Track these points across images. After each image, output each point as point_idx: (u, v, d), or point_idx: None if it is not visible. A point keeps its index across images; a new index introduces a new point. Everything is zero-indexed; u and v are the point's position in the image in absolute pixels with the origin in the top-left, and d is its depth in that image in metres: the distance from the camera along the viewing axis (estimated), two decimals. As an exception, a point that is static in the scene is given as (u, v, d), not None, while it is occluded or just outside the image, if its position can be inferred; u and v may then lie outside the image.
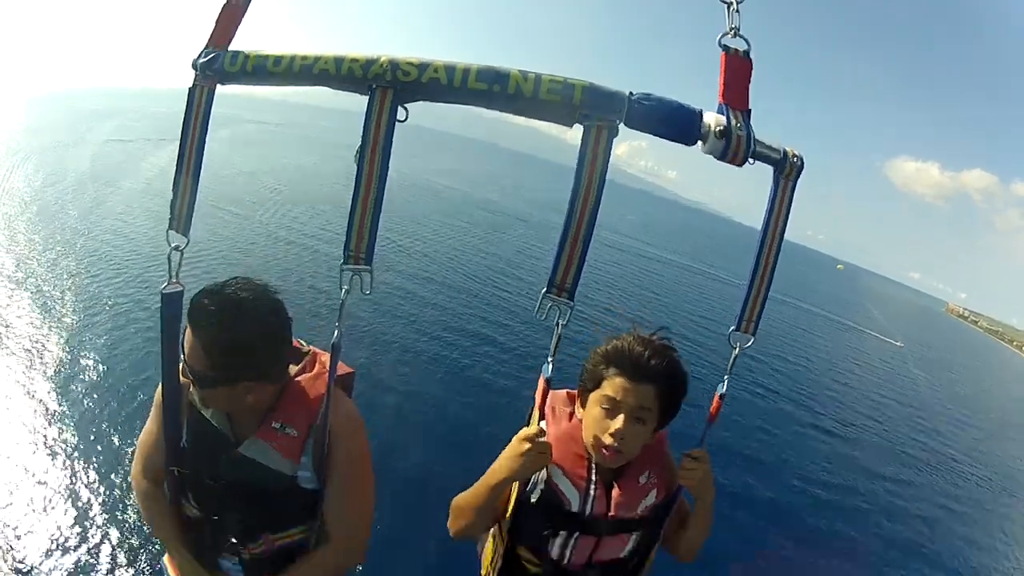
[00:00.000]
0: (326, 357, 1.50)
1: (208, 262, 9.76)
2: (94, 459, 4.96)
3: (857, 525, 7.23)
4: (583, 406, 1.41)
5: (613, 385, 1.30)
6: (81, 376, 6.14)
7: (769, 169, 1.14)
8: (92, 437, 5.22)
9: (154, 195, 14.55)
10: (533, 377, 1.28)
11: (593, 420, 1.35)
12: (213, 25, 1.21)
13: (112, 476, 4.80)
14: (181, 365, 1.34)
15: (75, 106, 38.90)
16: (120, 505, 4.53)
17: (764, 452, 8.60)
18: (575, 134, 1.06)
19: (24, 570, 3.79)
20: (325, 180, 23.92)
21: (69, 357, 6.40)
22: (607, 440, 1.31)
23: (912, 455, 10.95)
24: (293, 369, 1.49)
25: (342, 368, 1.54)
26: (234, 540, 1.45)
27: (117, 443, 5.17)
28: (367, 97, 1.06)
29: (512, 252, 18.88)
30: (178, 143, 1.22)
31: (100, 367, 6.35)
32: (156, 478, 1.52)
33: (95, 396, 5.80)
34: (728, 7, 1.07)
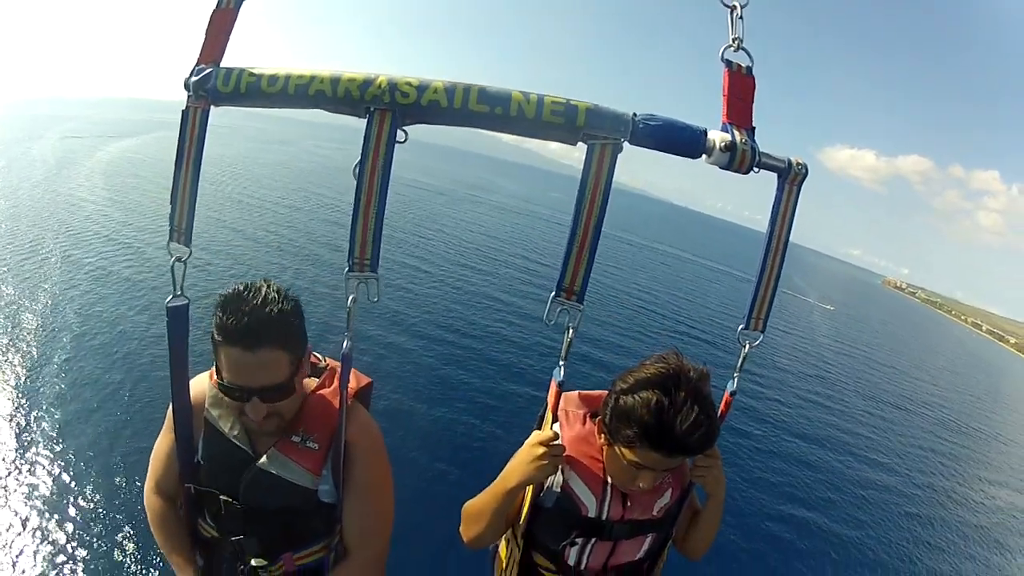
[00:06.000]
0: None
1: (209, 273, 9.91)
2: (91, 475, 4.91)
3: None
4: (605, 440, 1.30)
5: (645, 456, 1.18)
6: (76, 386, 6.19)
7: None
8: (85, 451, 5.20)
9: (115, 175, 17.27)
10: (540, 378, 1.25)
11: (618, 470, 1.27)
12: (203, 37, 1.13)
13: (117, 493, 4.74)
14: (235, 396, 1.23)
15: (35, 112, 41.78)
16: (131, 521, 4.48)
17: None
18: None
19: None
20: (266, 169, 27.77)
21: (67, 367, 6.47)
22: (632, 488, 1.28)
23: (803, 391, 12.79)
24: (312, 383, 1.44)
25: (360, 379, 1.51)
26: (254, 563, 1.39)
27: (117, 459, 5.18)
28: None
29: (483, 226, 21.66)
30: (173, 166, 1.15)
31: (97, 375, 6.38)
32: (169, 495, 1.46)
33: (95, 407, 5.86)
34: (731, 11, 1.06)
